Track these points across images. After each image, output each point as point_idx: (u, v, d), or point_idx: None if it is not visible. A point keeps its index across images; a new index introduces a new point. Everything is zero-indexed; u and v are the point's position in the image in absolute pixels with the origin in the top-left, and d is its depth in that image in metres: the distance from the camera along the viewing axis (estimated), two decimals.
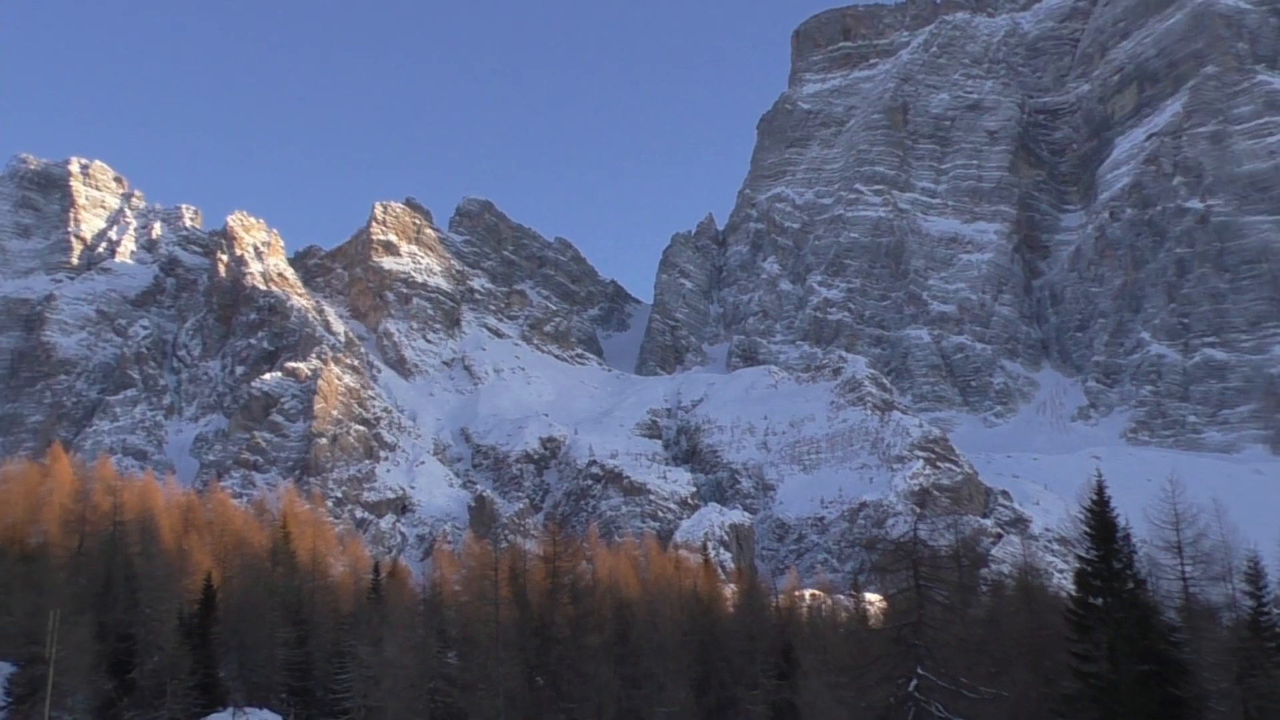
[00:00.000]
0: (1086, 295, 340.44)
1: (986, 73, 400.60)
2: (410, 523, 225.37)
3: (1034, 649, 52.19)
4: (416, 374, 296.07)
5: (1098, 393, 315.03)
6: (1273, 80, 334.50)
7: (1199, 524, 44.98)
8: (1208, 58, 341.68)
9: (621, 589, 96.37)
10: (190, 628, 73.65)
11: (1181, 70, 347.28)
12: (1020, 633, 56.17)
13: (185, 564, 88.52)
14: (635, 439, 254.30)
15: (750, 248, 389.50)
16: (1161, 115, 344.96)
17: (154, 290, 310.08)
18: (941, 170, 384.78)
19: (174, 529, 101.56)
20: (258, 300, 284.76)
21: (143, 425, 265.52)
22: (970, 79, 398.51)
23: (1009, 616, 62.62)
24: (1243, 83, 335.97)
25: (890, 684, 45.05)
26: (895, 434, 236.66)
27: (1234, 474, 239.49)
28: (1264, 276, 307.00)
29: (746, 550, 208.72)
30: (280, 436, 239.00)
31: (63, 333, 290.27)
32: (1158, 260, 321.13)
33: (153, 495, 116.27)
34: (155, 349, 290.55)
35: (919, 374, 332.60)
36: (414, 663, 62.80)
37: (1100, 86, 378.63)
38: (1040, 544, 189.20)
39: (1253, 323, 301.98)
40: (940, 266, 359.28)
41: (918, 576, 45.53)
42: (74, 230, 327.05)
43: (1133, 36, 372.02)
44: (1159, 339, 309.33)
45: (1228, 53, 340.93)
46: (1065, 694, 42.33)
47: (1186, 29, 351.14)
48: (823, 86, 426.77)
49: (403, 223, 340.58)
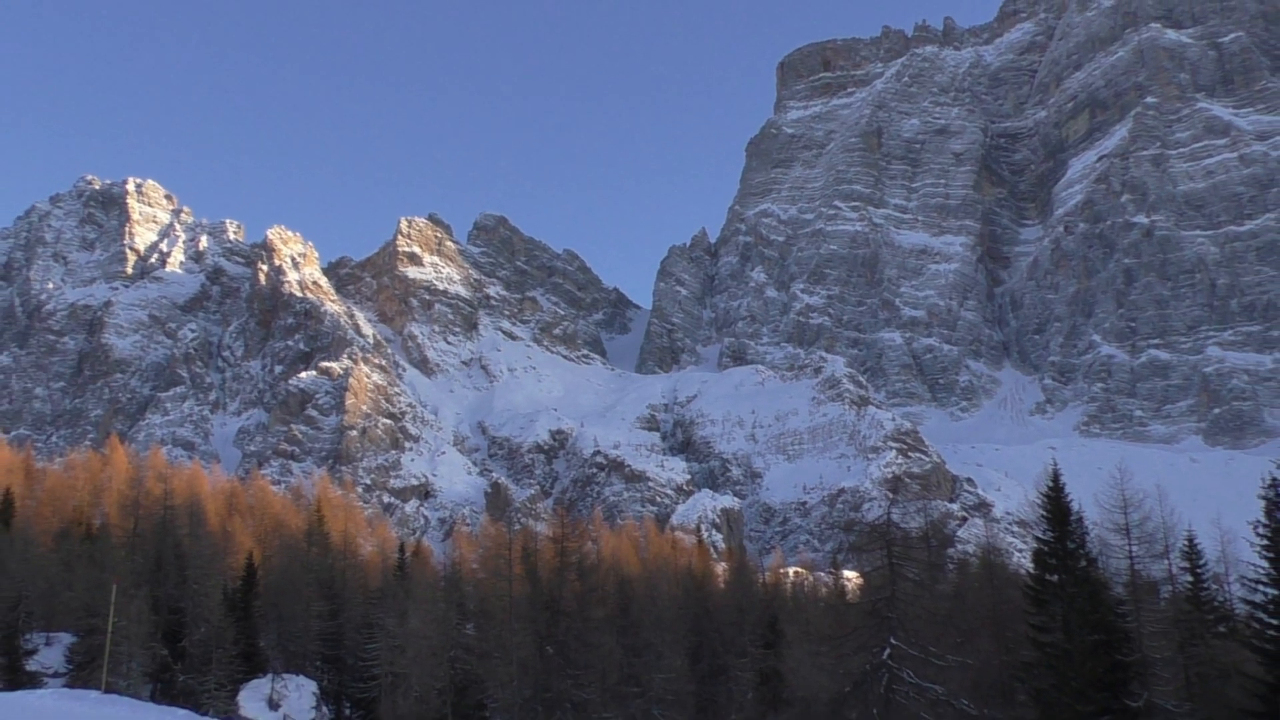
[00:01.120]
0: (1043, 301, 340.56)
1: (953, 100, 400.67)
2: (432, 507, 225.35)
3: (996, 621, 52.13)
4: (438, 373, 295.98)
5: (1053, 390, 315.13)
6: (1211, 107, 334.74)
7: (1144, 508, 44.95)
8: (1150, 88, 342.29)
9: (623, 567, 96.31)
10: (234, 602, 73.57)
11: (1127, 99, 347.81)
12: (983, 606, 56.05)
13: (229, 544, 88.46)
14: (636, 431, 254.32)
15: (739, 258, 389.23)
16: (1110, 139, 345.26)
17: (201, 297, 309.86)
18: (912, 188, 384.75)
19: (219, 513, 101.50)
20: (294, 306, 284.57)
21: (191, 419, 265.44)
22: (938, 106, 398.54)
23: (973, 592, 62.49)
24: (1183, 110, 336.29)
25: (866, 653, 45.03)
26: (870, 427, 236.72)
27: (1174, 462, 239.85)
28: (1200, 285, 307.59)
29: (736, 532, 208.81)
30: (315, 429, 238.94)
31: (119, 335, 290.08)
32: (1107, 270, 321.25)
33: (200, 482, 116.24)
34: (202, 350, 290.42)
35: (892, 373, 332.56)
36: (435, 633, 62.70)
37: (1055, 113, 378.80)
38: (1001, 526, 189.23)
39: (1190, 327, 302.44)
40: (911, 275, 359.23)
41: (891, 556, 45.50)
42: (129, 243, 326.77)
43: (1084, 68, 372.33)
44: (1108, 341, 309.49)
45: (1170, 83, 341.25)
46: (1024, 661, 42.33)
47: (1132, 62, 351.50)
48: (805, 113, 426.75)
49: (425, 236, 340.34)
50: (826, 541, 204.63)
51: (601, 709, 59.82)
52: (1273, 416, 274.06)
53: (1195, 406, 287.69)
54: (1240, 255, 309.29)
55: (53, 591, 75.46)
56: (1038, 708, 39.06)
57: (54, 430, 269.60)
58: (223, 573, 78.17)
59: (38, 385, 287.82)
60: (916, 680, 42.74)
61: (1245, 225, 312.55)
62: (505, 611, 62.80)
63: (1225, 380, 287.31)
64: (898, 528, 47.60)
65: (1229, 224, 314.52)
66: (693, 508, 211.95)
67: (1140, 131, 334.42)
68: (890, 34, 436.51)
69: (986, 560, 71.64)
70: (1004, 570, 68.09)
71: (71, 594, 73.30)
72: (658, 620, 69.19)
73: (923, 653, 43.53)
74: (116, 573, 68.26)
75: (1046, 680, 38.94)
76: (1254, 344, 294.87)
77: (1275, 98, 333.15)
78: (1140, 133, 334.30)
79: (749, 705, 60.76)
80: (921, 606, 47.57)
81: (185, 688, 67.26)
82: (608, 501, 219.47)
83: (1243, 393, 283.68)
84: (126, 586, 66.52)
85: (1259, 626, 38.00)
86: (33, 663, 71.28)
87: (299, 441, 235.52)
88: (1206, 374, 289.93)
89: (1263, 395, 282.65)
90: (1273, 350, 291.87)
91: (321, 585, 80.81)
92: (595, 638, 62.57)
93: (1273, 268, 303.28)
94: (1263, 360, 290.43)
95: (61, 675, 69.17)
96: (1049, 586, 41.45)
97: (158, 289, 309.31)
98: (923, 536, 71.56)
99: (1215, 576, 48.11)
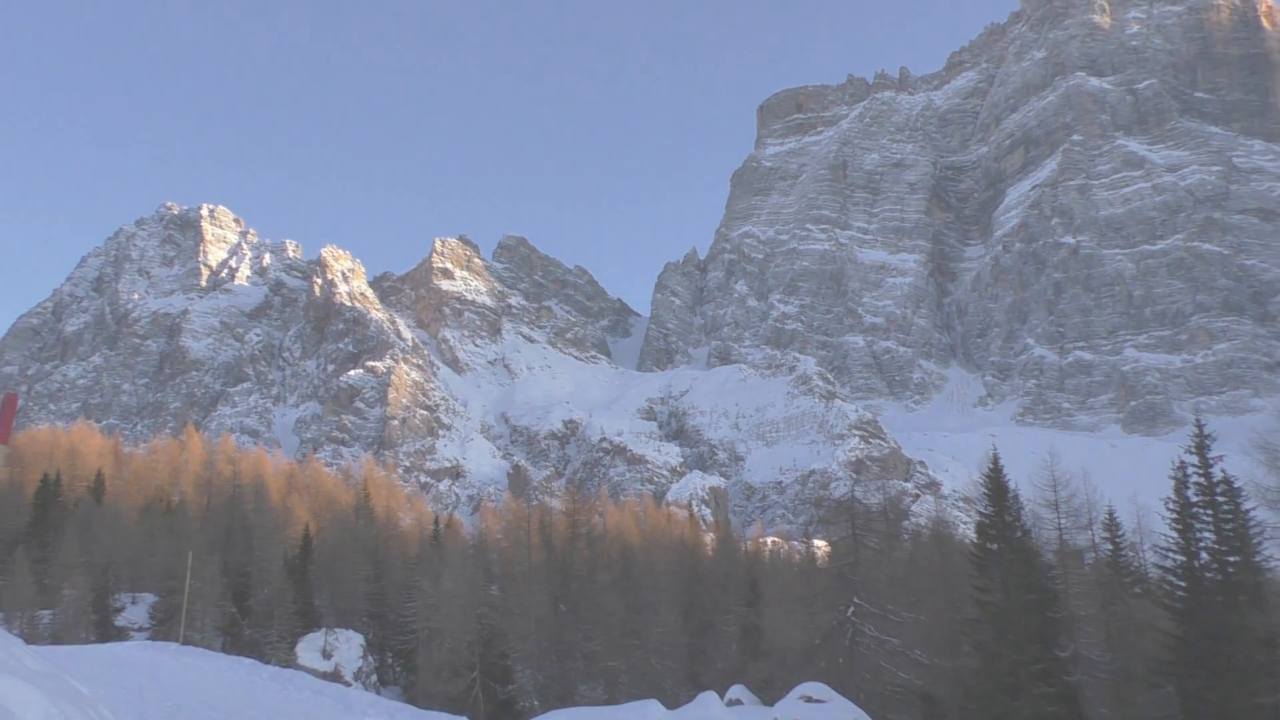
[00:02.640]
0: (984, 310, 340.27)
1: (907, 138, 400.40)
2: (462, 485, 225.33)
3: (944, 583, 52.07)
4: (467, 371, 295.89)
5: (993, 385, 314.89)
6: (1128, 144, 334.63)
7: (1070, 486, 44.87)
8: (1076, 127, 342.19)
9: (625, 537, 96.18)
10: (292, 566, 73.58)
11: (1057, 137, 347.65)
12: (933, 571, 55.97)
13: (288, 517, 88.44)
14: (636, 421, 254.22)
15: (725, 273, 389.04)
16: (1042, 171, 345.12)
17: (264, 306, 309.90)
18: (872, 213, 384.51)
19: (280, 491, 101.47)
20: (344, 314, 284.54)
21: (256, 411, 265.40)
22: (895, 143, 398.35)
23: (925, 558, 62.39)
24: (1104, 146, 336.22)
25: (833, 610, 45.03)
26: (837, 417, 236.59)
27: (1096, 448, 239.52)
28: (1119, 296, 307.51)
29: (722, 507, 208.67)
30: (362, 419, 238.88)
31: (194, 339, 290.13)
32: (1039, 283, 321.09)
33: (263, 465, 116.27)
34: (265, 352, 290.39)
35: (855, 371, 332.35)
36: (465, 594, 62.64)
37: (995, 149, 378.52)
38: (949, 502, 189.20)
39: (1110, 332, 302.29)
40: (871, 288, 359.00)
41: (854, 528, 45.51)
42: (203, 260, 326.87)
43: (1020, 110, 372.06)
44: (1040, 344, 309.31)
45: (1093, 123, 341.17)
46: (968, 618, 42.29)
47: (1060, 105, 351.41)
48: (781, 149, 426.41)
49: (456, 253, 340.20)
50: (799, 515, 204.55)
51: (607, 658, 59.84)
52: (1180, 408, 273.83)
53: (1114, 400, 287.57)
54: (1153, 270, 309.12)
55: (138, 558, 75.55)
56: (980, 657, 39.08)
57: (139, 420, 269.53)
58: (283, 542, 78.19)
59: (125, 382, 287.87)
60: (877, 634, 42.76)
61: (1157, 245, 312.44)
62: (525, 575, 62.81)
63: (1140, 377, 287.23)
64: (860, 503, 47.58)
65: (1143, 243, 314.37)
66: (685, 486, 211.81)
67: (1068, 165, 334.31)
68: (854, 81, 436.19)
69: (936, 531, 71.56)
70: (951, 540, 67.95)
71: (154, 560, 73.40)
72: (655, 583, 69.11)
73: (881, 610, 43.54)
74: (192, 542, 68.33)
75: (988, 634, 38.96)
76: (1164, 347, 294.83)
77: (1183, 136, 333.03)
78: (1068, 166, 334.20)
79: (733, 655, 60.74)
80: (880, 571, 47.59)
81: (251, 640, 67.31)
82: (612, 481, 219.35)
83: (1155, 388, 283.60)
84: (201, 554, 66.58)
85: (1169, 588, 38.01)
86: (121, 619, 71.39)
87: (348, 430, 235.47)
88: (1124, 372, 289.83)
89: (1172, 390, 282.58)
90: (1180, 352, 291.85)
91: (367, 552, 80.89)
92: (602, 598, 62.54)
93: (1181, 281, 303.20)
94: (1172, 360, 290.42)
95: (145, 630, 69.22)
96: (989, 554, 41.47)
97: (227, 299, 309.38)
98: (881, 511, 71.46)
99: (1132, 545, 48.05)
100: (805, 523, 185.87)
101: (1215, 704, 33.40)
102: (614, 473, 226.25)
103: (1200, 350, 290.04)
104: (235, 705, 23.08)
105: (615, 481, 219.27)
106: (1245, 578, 35.30)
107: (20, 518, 78.33)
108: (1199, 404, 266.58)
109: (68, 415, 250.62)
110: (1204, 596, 35.43)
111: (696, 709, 32.74)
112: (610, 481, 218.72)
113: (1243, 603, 34.54)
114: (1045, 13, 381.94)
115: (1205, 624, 34.67)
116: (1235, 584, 35.10)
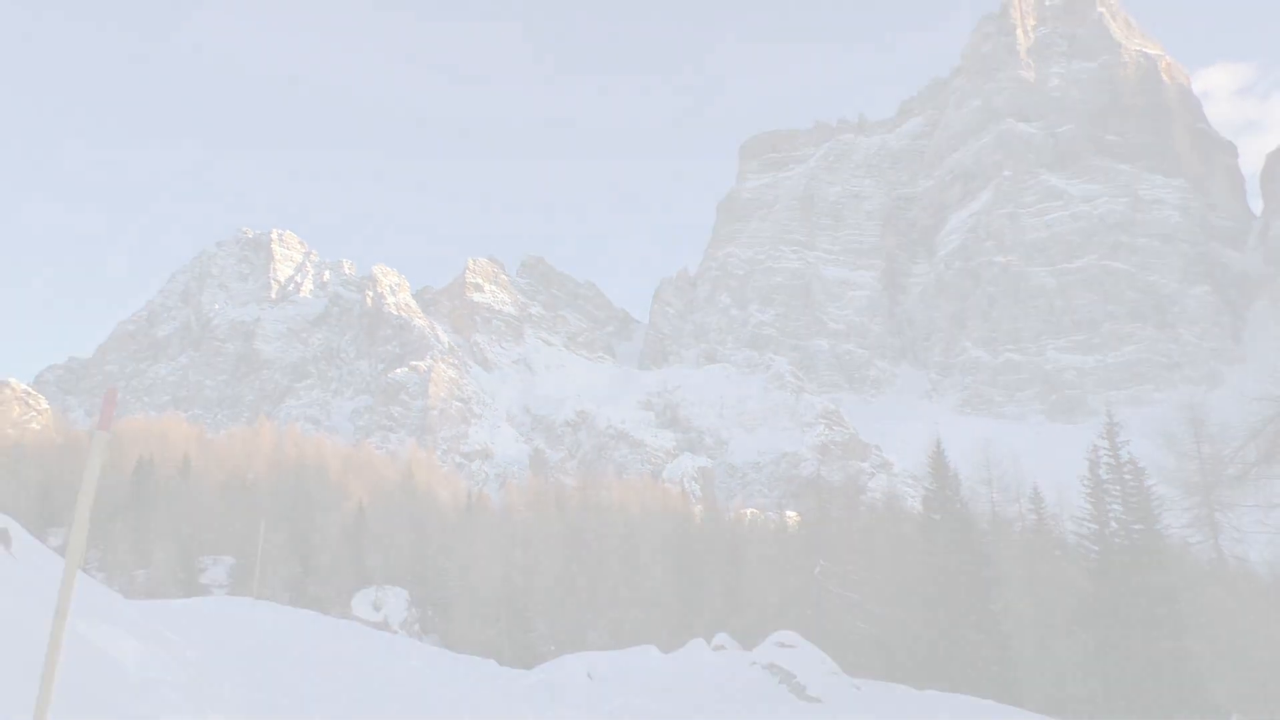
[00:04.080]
0: (930, 318, 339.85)
1: (865, 174, 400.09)
2: (491, 465, 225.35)
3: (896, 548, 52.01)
4: (495, 369, 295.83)
5: (937, 381, 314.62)
6: (1051, 179, 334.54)
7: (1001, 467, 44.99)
8: (1007, 164, 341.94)
9: (628, 509, 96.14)
10: (348, 534, 73.66)
11: (990, 173, 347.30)
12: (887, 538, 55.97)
13: (344, 493, 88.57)
14: (637, 411, 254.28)
15: (712, 287, 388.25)
16: (978, 202, 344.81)
17: (324, 315, 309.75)
18: (835, 237, 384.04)
19: (337, 470, 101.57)
20: (392, 322, 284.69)
21: (317, 403, 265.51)
22: (854, 178, 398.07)
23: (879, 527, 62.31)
24: (1030, 181, 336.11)
25: (802, 570, 45.09)
26: (805, 408, 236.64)
27: (1023, 434, 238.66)
28: (1042, 307, 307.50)
29: (709, 484, 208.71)
30: (406, 410, 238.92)
31: (266, 343, 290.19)
32: (976, 296, 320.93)
33: (324, 448, 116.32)
34: (325, 353, 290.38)
35: (821, 369, 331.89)
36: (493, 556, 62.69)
37: (939, 183, 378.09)
38: (900, 480, 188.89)
39: (1035, 336, 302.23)
40: (835, 299, 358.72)
41: (820, 501, 45.56)
42: (273, 276, 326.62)
43: (960, 150, 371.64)
44: (976, 347, 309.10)
45: (1021, 161, 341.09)
46: (916, 576, 42.36)
47: (994, 146, 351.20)
48: (758, 183, 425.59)
49: (486, 270, 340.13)
50: (774, 490, 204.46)
51: (611, 610, 59.85)
52: (1094, 401, 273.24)
53: (1039, 394, 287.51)
54: (1071, 285, 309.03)
55: (218, 527, 75.62)
56: (926, 609, 39.11)
57: (219, 411, 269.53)
58: (340, 513, 78.28)
59: (207, 379, 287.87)
60: (839, 590, 42.82)
61: (1074, 263, 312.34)
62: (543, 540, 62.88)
63: (1060, 375, 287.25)
64: (825, 481, 47.63)
65: (1063, 262, 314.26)
66: (677, 467, 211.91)
67: (1000, 196, 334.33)
68: (820, 125, 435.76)
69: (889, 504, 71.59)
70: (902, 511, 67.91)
71: (231, 528, 73.51)
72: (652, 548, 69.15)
73: (843, 570, 43.60)
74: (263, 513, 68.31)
75: (932, 590, 39.02)
76: (1081, 349, 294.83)
77: (1096, 172, 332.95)
78: (999, 197, 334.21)
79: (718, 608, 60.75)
80: (842, 538, 47.65)
81: (313, 595, 67.35)
82: (617, 462, 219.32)
83: (1073, 384, 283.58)
84: (271, 523, 66.57)
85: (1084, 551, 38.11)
86: (204, 578, 71.45)
87: (395, 419, 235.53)
88: (1047, 371, 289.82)
89: (1087, 386, 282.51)
90: (1094, 353, 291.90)
91: (411, 522, 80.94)
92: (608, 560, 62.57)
93: (1094, 294, 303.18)
94: (1087, 360, 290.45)
95: (224, 586, 69.32)
96: (933, 523, 41.52)
97: (294, 309, 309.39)
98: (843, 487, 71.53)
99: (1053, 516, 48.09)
100: (779, 497, 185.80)
101: (1123, 649, 33.50)
102: (618, 455, 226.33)
103: (1111, 352, 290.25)
104: (300, 650, 23.10)
105: (619, 462, 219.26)
106: (1148, 542, 35.43)
107: (120, 494, 78.34)
108: (1110, 398, 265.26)
109: (159, 407, 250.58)
110: (1113, 558, 35.52)
111: (688, 653, 32.77)
112: (615, 462, 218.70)
113: (1145, 563, 34.67)
114: (981, 68, 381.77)
115: (1114, 581, 34.76)
116: (1140, 548, 35.20)
